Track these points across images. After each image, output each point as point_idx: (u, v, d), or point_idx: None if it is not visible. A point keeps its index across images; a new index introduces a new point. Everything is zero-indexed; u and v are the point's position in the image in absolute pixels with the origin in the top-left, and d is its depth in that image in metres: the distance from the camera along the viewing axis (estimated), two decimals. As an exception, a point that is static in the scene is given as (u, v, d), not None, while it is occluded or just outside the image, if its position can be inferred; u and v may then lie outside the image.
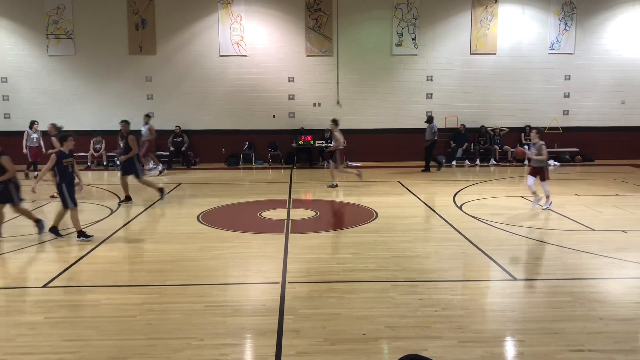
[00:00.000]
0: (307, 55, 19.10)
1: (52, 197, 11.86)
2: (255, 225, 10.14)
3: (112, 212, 11.18)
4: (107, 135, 18.42)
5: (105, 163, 18.35)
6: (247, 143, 19.27)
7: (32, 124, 16.33)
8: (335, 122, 14.32)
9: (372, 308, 5.91)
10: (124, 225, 9.97)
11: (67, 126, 18.39)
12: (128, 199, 12.14)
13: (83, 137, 18.33)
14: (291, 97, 19.29)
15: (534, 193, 11.17)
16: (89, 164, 18.26)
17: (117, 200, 12.43)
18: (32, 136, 16.35)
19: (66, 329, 5.44)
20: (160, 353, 4.92)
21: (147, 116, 17.42)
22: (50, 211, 11.11)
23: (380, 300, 6.15)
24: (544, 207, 11.03)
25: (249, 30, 18.82)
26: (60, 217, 9.25)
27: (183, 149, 18.56)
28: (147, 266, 7.59)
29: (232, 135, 19.21)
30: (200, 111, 19.16)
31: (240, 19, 18.71)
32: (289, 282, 6.79)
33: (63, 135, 9.30)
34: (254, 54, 18.95)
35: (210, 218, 10.58)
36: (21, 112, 18.48)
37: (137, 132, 15.18)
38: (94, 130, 18.48)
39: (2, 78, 18.63)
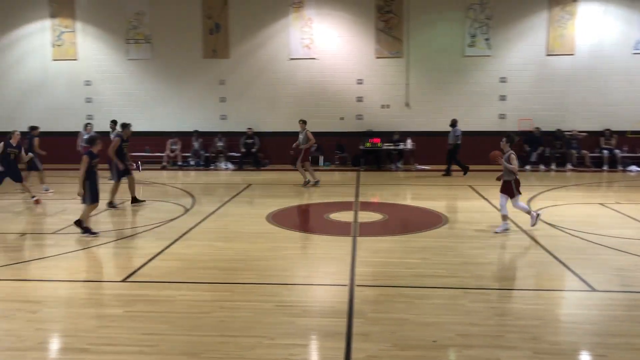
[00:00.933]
0: (377, 57, 19.03)
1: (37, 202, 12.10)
2: (322, 227, 10.20)
3: (186, 210, 11.55)
4: (182, 137, 19.07)
5: (180, 163, 18.99)
6: (315, 145, 19.39)
7: (86, 126, 17.12)
8: (304, 122, 15.16)
9: (442, 315, 5.81)
10: (197, 224, 10.27)
11: (144, 127, 19.31)
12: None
13: (158, 137, 19.15)
14: (359, 99, 19.28)
15: (504, 217, 9.42)
16: (164, 163, 18.96)
17: (190, 200, 12.81)
18: (85, 137, 17.17)
19: (143, 323, 5.67)
20: (232, 350, 5.03)
21: (114, 122, 16.21)
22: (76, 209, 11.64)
23: (450, 307, 6.03)
24: (531, 225, 9.39)
25: (319, 33, 18.97)
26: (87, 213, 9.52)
27: (254, 150, 18.93)
28: (219, 264, 7.78)
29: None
30: (270, 113, 19.48)
31: (311, 22, 18.89)
32: (357, 285, 6.78)
33: (92, 138, 9.69)
34: (323, 56, 19.09)
35: (279, 218, 10.73)
36: (102, 113, 19.41)
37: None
38: (170, 131, 19.16)
39: (86, 81, 19.66)
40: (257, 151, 19.05)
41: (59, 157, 17.94)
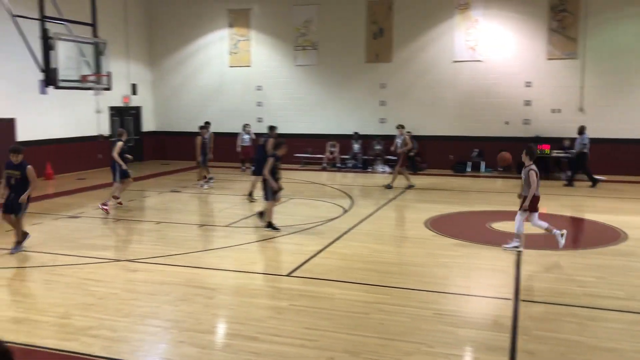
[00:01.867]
0: (548, 59, 17.87)
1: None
2: (484, 236, 9.82)
3: (345, 211, 11.84)
4: (341, 140, 19.60)
5: (338, 165, 19.52)
6: (476, 150, 18.79)
7: (244, 127, 18.69)
8: (402, 126, 15.41)
9: (621, 341, 5.30)
10: (355, 225, 10.48)
11: (306, 130, 20.19)
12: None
13: (319, 140, 19.87)
14: (527, 103, 18.26)
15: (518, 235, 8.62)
16: (324, 165, 19.62)
17: (348, 201, 13.09)
18: (244, 137, 18.64)
19: (306, 317, 5.92)
20: (391, 354, 5.06)
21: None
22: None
23: (631, 334, 5.48)
24: (559, 246, 8.52)
25: (485, 34, 18.31)
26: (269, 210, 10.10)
27: (412, 154, 18.83)
28: (376, 266, 7.86)
29: (461, 142, 18.91)
30: (429, 117, 19.25)
31: (477, 23, 18.31)
32: (522, 300, 6.44)
33: (279, 143, 10.29)
34: (489, 58, 18.39)
35: (437, 225, 10.55)
36: (271, 116, 20.63)
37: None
38: (329, 134, 19.80)
39: (257, 86, 21.05)
40: (415, 155, 18.91)
41: (231, 156, 19.46)
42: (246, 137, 18.83)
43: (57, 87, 12.29)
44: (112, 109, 20.10)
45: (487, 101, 18.55)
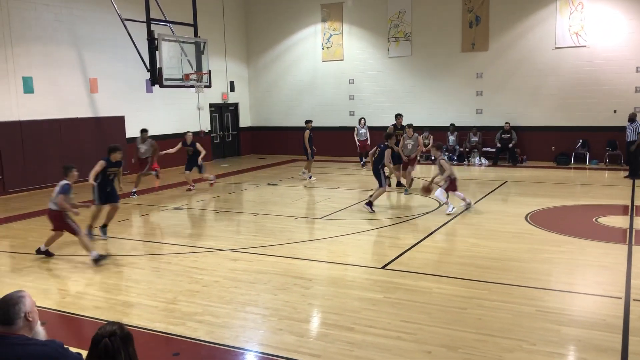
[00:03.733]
0: (662, 41, 16.53)
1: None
2: (590, 231, 9.27)
3: (439, 205, 11.63)
4: (435, 132, 19.23)
5: (433, 157, 19.12)
6: (580, 140, 17.76)
7: (360, 120, 18.83)
8: (411, 126, 14.34)
9: None
10: (451, 219, 10.27)
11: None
12: None
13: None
14: (638, 90, 16.99)
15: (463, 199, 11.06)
16: (418, 158, 19.30)
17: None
18: (360, 131, 18.59)
19: (402, 310, 5.90)
20: (491, 350, 4.93)
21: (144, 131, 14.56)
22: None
23: None
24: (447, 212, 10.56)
25: (591, 18, 17.21)
26: (378, 194, 11.10)
27: (510, 145, 18.13)
28: (475, 261, 7.66)
29: (564, 132, 17.95)
30: (529, 107, 18.42)
31: (582, 7, 17.24)
32: (633, 300, 6.04)
33: (389, 134, 11.02)
34: (595, 43, 17.28)
35: (539, 219, 10.11)
36: (363, 109, 20.64)
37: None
38: (423, 126, 19.45)
39: (350, 79, 21.12)
40: (514, 147, 18.18)
41: (325, 150, 19.70)
42: (362, 131, 18.88)
43: (162, 86, 13.00)
44: (212, 105, 20.98)
45: (593, 89, 17.47)
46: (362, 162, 18.57)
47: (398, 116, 14.91)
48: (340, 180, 15.47)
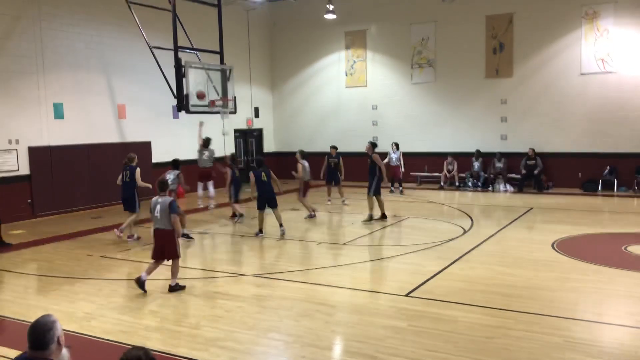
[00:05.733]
0: (691, 67, 16.30)
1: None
2: (619, 260, 9.06)
3: (465, 231, 11.51)
4: (459, 157, 19.12)
5: (457, 184, 19.02)
6: (607, 167, 17.47)
7: (392, 145, 18.46)
8: (302, 153, 14.17)
9: None
10: (476, 246, 10.15)
11: (423, 148, 19.94)
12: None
13: (437, 158, 19.54)
14: (667, 116, 16.73)
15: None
16: (441, 184, 19.22)
17: (468, 221, 12.72)
18: (392, 156, 18.24)
19: (427, 339, 5.81)
20: (519, 381, 4.81)
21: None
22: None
23: None
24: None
25: (617, 44, 17.08)
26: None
27: (536, 172, 17.92)
28: (501, 289, 7.54)
29: (590, 159, 17.69)
30: (555, 133, 18.24)
31: (607, 33, 17.13)
32: (667, 331, 5.86)
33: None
34: (621, 69, 17.12)
35: (566, 247, 9.92)
36: (386, 135, 20.67)
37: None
38: (447, 152, 19.38)
39: (373, 105, 21.21)
40: (540, 173, 17.97)
41: (348, 174, 19.69)
42: (394, 156, 18.25)
43: (189, 112, 13.21)
44: (237, 131, 21.21)
45: (620, 115, 17.25)
46: (392, 188, 18.14)
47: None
48: (364, 206, 15.41)
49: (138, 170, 11.36)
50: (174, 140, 18.09)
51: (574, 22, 17.60)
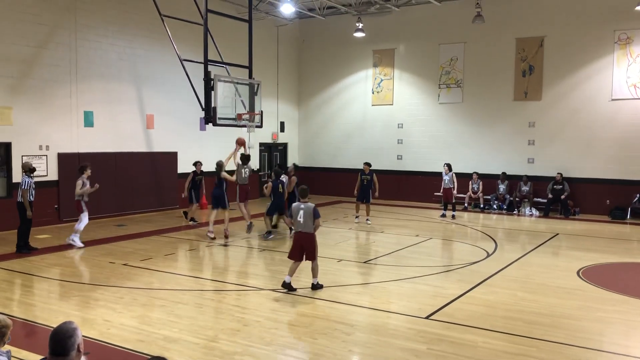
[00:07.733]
0: None
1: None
2: (648, 291, 8.83)
3: (488, 254, 11.35)
4: (485, 179, 18.92)
5: (482, 206, 18.80)
6: (637, 195, 17.11)
7: (444, 165, 17.10)
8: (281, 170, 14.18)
9: None
10: (499, 271, 9.98)
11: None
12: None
13: (462, 179, 19.33)
14: (701, 145, 16.35)
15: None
16: (465, 205, 19.02)
17: (492, 244, 12.54)
18: (444, 177, 17.07)
19: (446, 364, 5.71)
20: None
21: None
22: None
23: None
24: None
25: (649, 70, 16.82)
26: None
27: (563, 197, 17.63)
28: (522, 316, 7.39)
29: (620, 186, 17.34)
30: (583, 158, 17.95)
31: (640, 58, 16.90)
32: (696, 368, 5.67)
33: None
34: (654, 96, 16.83)
35: (592, 275, 9.70)
36: (410, 154, 20.60)
37: None
38: (472, 173, 19.18)
39: (399, 124, 21.16)
40: (567, 198, 17.67)
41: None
42: (446, 177, 16.97)
43: (216, 124, 13.33)
44: (262, 144, 21.35)
45: (651, 142, 16.92)
46: (442, 213, 17.18)
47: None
48: (386, 225, 15.33)
49: (224, 173, 13.18)
50: (200, 151, 18.25)
51: (607, 47, 17.39)
